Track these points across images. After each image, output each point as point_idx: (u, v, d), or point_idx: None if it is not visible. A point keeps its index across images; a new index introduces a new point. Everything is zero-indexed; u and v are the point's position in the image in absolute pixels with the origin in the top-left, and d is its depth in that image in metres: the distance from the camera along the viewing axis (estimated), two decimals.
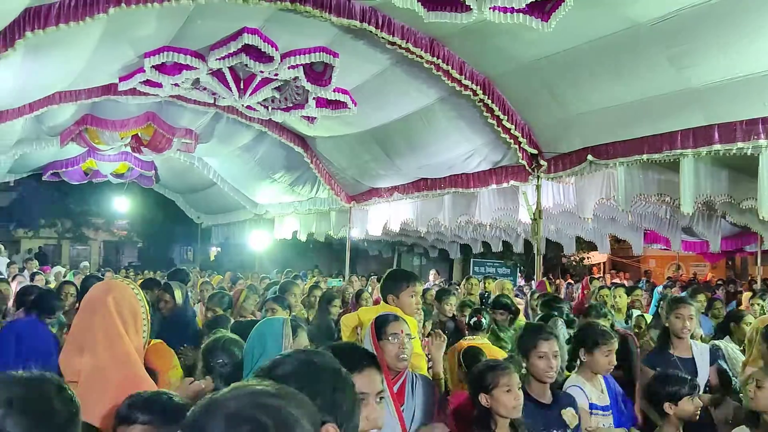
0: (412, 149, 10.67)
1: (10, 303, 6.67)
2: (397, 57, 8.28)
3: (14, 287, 7.66)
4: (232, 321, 5.07)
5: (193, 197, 20.57)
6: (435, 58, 7.77)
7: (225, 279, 12.67)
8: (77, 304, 4.50)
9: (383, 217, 13.74)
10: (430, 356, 3.72)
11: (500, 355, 4.29)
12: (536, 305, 6.78)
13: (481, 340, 4.76)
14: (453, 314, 6.63)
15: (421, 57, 7.77)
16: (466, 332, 5.14)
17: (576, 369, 3.77)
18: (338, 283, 13.56)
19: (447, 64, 7.85)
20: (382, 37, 7.53)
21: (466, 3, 5.79)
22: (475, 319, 5.03)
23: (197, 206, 21.26)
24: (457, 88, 8.27)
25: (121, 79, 9.40)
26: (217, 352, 3.13)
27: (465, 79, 8.06)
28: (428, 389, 3.12)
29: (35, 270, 11.76)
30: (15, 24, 5.89)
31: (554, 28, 5.93)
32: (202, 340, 3.76)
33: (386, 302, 3.94)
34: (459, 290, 9.83)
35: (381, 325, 3.03)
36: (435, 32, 7.52)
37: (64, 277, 11.42)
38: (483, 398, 2.91)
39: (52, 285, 8.88)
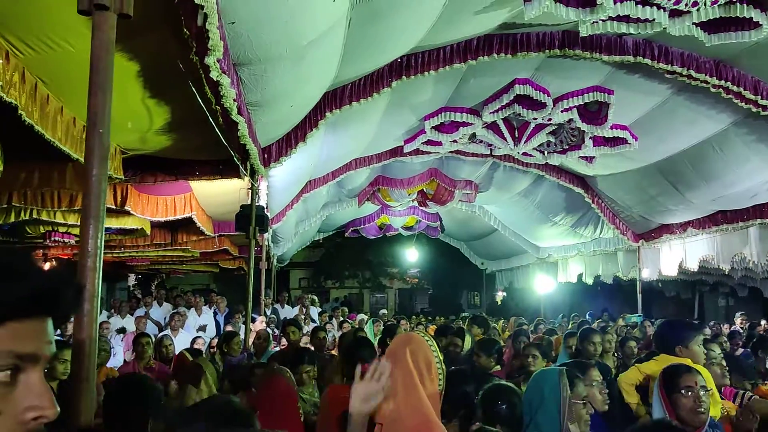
0: (704, 180, 9.77)
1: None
2: (679, 85, 7.75)
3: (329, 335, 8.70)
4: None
5: (476, 244, 21.19)
6: (722, 81, 7.10)
7: (509, 325, 12.72)
8: None
9: (677, 256, 12.68)
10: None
11: None
12: None
13: None
14: None
15: (707, 82, 7.17)
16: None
17: None
18: (638, 319, 12.73)
19: (738, 86, 7.12)
20: (660, 68, 7.13)
21: (755, 20, 5.24)
22: None
23: (480, 253, 21.84)
24: (754, 110, 7.43)
25: (406, 141, 10.25)
26: (497, 397, 3.21)
27: (762, 98, 7.21)
28: None
29: (342, 318, 13.10)
30: (317, 107, 6.83)
31: None
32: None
33: (670, 353, 3.65)
34: None
35: (671, 377, 2.83)
36: (719, 54, 6.90)
37: (365, 324, 12.51)
38: None
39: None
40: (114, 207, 6.99)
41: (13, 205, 6.58)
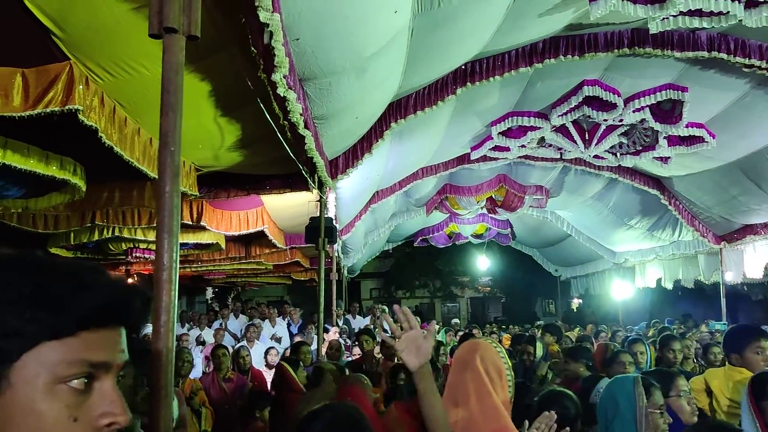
0: None
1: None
2: (758, 79, 7.41)
3: None
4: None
5: (549, 251, 20.79)
6: None
7: (586, 332, 12.40)
8: None
9: (763, 257, 12.05)
10: None
11: None
12: None
13: None
14: None
15: None
16: None
17: None
18: (722, 327, 12.18)
19: None
20: (737, 62, 6.84)
21: None
22: None
23: (554, 259, 21.41)
24: None
25: (473, 148, 10.19)
26: (550, 404, 3.15)
27: None
28: None
29: None
30: (382, 118, 6.88)
31: None
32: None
33: (730, 362, 3.47)
34: None
35: (761, 384, 2.69)
36: None
37: (437, 333, 12.46)
38: None
39: None
40: (190, 223, 7.23)
41: (96, 224, 6.91)
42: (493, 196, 14.01)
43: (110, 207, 6.51)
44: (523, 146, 9.91)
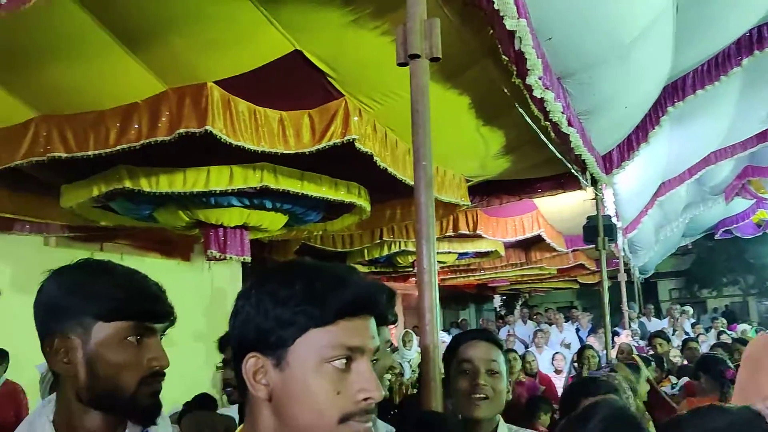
0: None
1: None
2: None
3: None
4: None
5: None
6: None
7: None
8: None
9: None
10: None
11: None
12: None
13: None
14: None
15: None
16: None
17: None
18: None
19: None
20: None
21: None
22: None
23: None
24: None
25: None
26: None
27: None
28: None
29: (721, 329, 11.82)
30: (656, 104, 6.42)
31: None
32: None
33: None
34: None
35: None
36: None
37: (748, 334, 11.06)
38: None
39: None
40: (467, 232, 7.54)
41: (384, 240, 7.59)
42: None
43: (394, 223, 7.08)
44: None
